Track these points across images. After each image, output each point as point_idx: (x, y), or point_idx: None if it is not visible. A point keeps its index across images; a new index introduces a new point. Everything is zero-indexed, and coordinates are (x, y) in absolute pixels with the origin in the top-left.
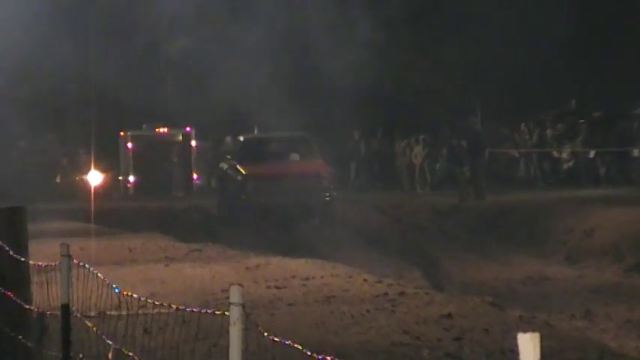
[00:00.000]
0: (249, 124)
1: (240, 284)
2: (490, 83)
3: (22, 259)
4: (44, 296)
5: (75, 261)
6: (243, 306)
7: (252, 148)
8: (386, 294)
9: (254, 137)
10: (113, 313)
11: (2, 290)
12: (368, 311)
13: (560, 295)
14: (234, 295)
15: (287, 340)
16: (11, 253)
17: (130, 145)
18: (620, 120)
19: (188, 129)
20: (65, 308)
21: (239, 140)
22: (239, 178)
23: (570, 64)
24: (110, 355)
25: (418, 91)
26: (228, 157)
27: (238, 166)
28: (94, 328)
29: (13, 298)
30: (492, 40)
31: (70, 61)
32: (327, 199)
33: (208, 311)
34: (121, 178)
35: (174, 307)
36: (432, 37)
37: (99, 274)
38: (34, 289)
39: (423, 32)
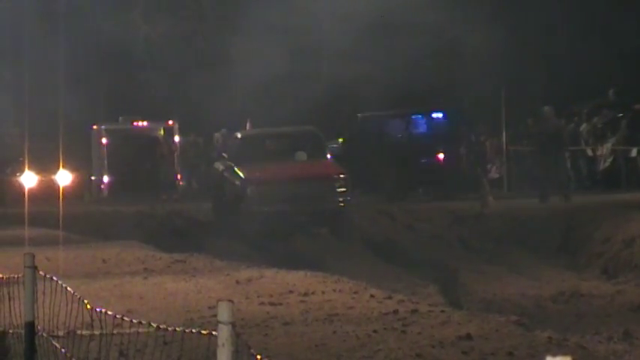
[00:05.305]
0: (241, 117)
1: (229, 300)
2: (515, 70)
3: None
4: (5, 313)
5: (41, 273)
6: (233, 325)
7: (252, 146)
8: (396, 312)
9: (254, 133)
10: (84, 332)
11: None
12: (375, 332)
13: (595, 314)
14: (223, 313)
15: None
16: None
17: (104, 140)
18: None
19: (170, 122)
20: (30, 327)
21: (236, 137)
22: (237, 182)
23: (608, 48)
24: None
25: (431, 78)
26: (224, 155)
27: (236, 169)
28: (63, 350)
29: None
30: (517, 19)
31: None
32: (342, 205)
33: (193, 331)
34: (93, 177)
35: (154, 326)
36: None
37: (68, 288)
38: None
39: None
